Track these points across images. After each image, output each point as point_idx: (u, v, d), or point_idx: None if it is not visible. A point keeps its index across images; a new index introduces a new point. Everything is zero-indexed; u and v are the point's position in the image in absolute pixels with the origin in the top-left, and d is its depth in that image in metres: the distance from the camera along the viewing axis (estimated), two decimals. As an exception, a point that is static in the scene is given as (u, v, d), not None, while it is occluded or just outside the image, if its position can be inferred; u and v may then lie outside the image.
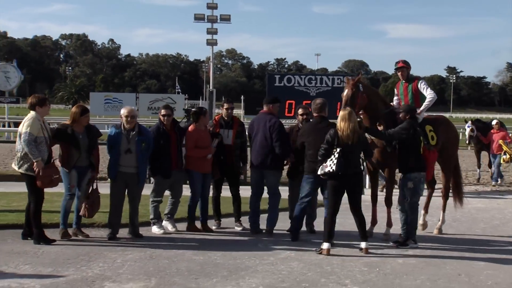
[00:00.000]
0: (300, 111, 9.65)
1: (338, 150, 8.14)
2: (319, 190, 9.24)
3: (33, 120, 8.22)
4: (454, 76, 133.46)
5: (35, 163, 8.04)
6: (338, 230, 8.87)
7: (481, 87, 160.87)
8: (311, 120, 9.36)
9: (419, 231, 9.20)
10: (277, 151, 9.11)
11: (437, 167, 9.85)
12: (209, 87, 36.65)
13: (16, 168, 8.39)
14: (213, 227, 9.62)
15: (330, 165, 8.13)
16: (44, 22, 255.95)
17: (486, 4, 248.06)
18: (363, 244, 8.25)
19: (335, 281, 6.80)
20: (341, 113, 8.30)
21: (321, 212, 9.33)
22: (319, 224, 9.27)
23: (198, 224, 9.52)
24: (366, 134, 8.80)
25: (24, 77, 42.31)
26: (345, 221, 9.67)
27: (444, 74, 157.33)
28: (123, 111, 8.92)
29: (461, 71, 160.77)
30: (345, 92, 8.93)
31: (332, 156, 8.16)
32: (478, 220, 10.60)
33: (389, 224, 9.33)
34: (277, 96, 10.32)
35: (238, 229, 9.68)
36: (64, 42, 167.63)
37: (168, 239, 8.82)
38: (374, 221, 9.47)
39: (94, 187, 8.78)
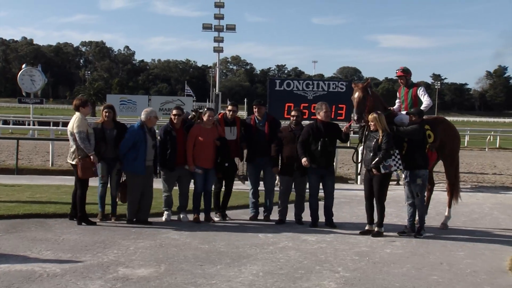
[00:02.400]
0: (292, 113, 9.73)
1: (397, 151, 8.48)
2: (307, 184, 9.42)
3: (80, 119, 8.81)
4: (438, 82, 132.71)
5: (91, 156, 8.68)
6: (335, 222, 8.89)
7: (463, 93, 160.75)
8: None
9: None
10: None
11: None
12: (215, 91, 36.64)
13: (70, 161, 8.98)
14: (216, 219, 9.62)
15: (395, 164, 8.45)
16: (67, 30, 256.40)
17: (469, 18, 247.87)
18: (382, 229, 8.66)
19: (328, 268, 6.80)
20: (383, 118, 8.55)
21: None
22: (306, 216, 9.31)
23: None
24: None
25: (48, 80, 42.27)
26: (338, 214, 9.69)
27: (429, 80, 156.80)
28: (148, 111, 9.22)
29: (445, 78, 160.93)
30: (356, 94, 8.88)
31: (393, 156, 8.44)
32: (459, 214, 10.58)
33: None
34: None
35: (226, 219, 9.69)
36: (84, 49, 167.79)
37: (176, 229, 8.82)
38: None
39: (124, 176, 9.17)
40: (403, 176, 9.16)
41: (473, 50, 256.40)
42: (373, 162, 8.52)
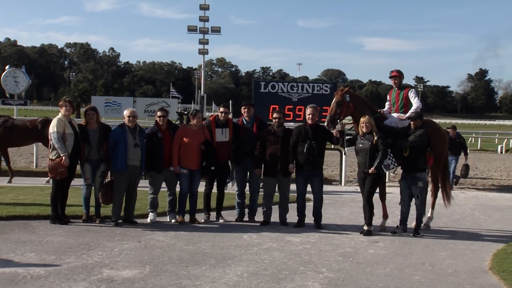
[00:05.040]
0: (274, 115, 9.72)
1: (389, 150, 8.77)
2: (294, 186, 9.49)
3: (58, 120, 8.85)
4: (421, 85, 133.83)
5: (62, 157, 8.64)
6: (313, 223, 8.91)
7: (445, 95, 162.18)
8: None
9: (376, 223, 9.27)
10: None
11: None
12: (200, 93, 36.60)
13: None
14: (202, 220, 9.61)
15: (392, 163, 8.82)
16: (52, 32, 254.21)
17: (451, 22, 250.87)
18: (371, 228, 8.93)
19: (312, 269, 6.82)
20: (372, 120, 8.82)
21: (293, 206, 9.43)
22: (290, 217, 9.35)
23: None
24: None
25: (32, 82, 41.94)
26: (323, 215, 9.69)
27: (413, 83, 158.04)
28: (126, 112, 9.23)
29: (428, 81, 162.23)
30: (332, 101, 9.12)
31: (389, 155, 8.75)
32: (441, 214, 10.66)
33: (385, 216, 9.41)
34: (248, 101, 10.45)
35: (221, 221, 9.70)
36: (69, 50, 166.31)
37: (161, 230, 8.79)
38: (385, 215, 9.44)
39: (109, 178, 9.15)
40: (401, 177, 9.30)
41: (455, 53, 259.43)
42: (375, 164, 8.66)
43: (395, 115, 9.57)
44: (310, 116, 9.33)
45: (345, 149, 11.49)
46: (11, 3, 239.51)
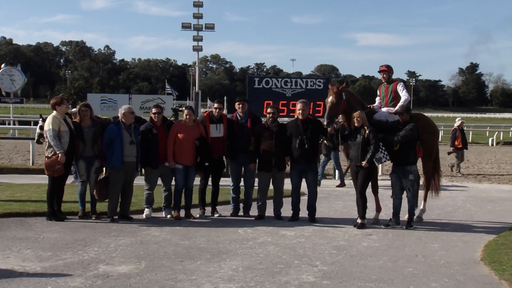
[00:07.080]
0: (268, 110, 9.70)
1: (381, 143, 8.81)
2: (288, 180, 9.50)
3: (53, 118, 8.80)
4: (413, 79, 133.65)
5: (59, 154, 8.61)
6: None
7: (437, 89, 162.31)
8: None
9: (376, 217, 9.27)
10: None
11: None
12: (195, 89, 36.48)
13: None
14: (197, 215, 9.59)
15: (384, 156, 8.85)
16: (48, 30, 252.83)
17: (442, 16, 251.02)
18: (365, 221, 8.95)
19: (307, 262, 6.81)
20: (364, 115, 8.84)
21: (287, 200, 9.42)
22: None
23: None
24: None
25: (28, 80, 41.74)
26: (317, 209, 9.70)
27: (405, 77, 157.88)
28: (124, 108, 9.16)
29: (420, 75, 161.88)
30: (329, 99, 9.03)
31: (380, 149, 8.78)
32: (434, 207, 10.67)
33: (378, 209, 9.42)
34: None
35: (216, 216, 9.69)
36: (64, 48, 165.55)
37: (157, 225, 8.76)
38: (378, 209, 9.44)
39: (104, 174, 9.11)
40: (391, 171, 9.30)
41: (446, 48, 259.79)
42: (367, 158, 8.68)
43: (384, 109, 9.57)
44: (301, 111, 9.32)
45: (339, 146, 11.49)
46: (8, 2, 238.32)
